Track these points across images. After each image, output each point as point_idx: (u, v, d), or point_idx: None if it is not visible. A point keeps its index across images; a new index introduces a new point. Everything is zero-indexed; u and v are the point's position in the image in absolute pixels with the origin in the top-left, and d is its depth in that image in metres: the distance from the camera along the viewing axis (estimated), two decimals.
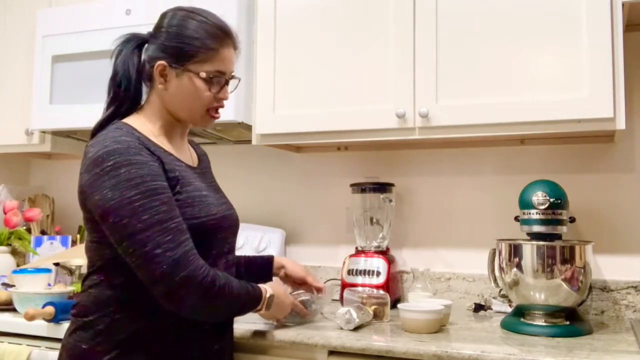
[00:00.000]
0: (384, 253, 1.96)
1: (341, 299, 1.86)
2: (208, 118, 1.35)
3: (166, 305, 1.19)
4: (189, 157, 1.41)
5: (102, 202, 1.17)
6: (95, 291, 1.25)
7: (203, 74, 1.29)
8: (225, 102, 1.37)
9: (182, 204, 1.24)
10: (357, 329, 1.54)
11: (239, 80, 1.40)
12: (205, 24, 1.31)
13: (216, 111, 1.35)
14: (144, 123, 1.32)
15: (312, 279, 1.64)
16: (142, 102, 1.36)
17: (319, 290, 1.64)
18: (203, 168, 1.46)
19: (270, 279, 1.62)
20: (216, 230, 1.31)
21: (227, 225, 1.36)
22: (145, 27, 1.39)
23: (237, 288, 1.27)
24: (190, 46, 1.29)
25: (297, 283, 1.64)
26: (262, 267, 1.62)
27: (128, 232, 1.15)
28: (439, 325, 1.53)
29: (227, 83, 1.34)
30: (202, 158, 1.49)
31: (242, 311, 1.33)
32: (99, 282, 1.25)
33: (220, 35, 1.31)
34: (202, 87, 1.30)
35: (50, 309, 1.59)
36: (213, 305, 1.22)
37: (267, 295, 1.38)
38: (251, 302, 1.33)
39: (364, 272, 1.90)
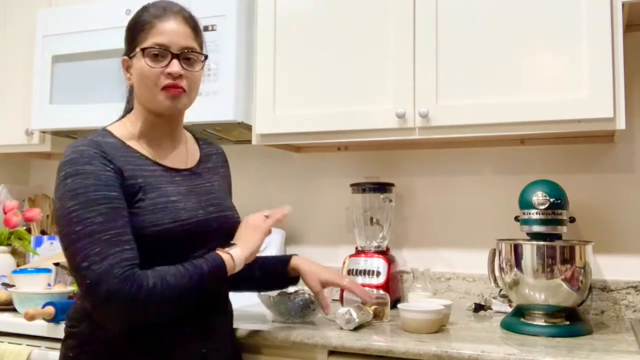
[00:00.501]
0: (384, 253, 1.96)
1: (341, 299, 1.86)
2: (165, 98, 1.28)
3: (98, 320, 1.17)
4: (180, 158, 1.38)
5: (55, 211, 1.21)
6: (80, 300, 1.29)
7: (142, 48, 1.28)
8: (184, 81, 1.29)
9: (144, 211, 1.22)
10: (357, 328, 1.54)
11: (205, 58, 1.35)
12: (146, 8, 1.32)
13: (172, 89, 1.28)
14: (126, 125, 1.34)
15: (342, 283, 1.56)
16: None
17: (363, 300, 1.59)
18: (203, 168, 1.42)
19: (284, 286, 1.60)
20: (190, 235, 1.27)
21: (207, 230, 1.31)
22: None
23: (175, 276, 1.17)
24: (134, 31, 1.31)
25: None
26: (275, 269, 1.56)
27: (65, 243, 1.16)
28: (439, 325, 1.53)
29: (175, 57, 1.28)
30: (208, 158, 1.46)
31: (202, 290, 1.21)
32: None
33: (157, 12, 1.30)
34: (146, 63, 1.27)
35: (50, 309, 1.60)
36: (150, 311, 1.15)
37: (230, 251, 1.27)
38: (206, 275, 1.21)
39: (364, 272, 1.90)
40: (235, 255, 1.28)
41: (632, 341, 1.43)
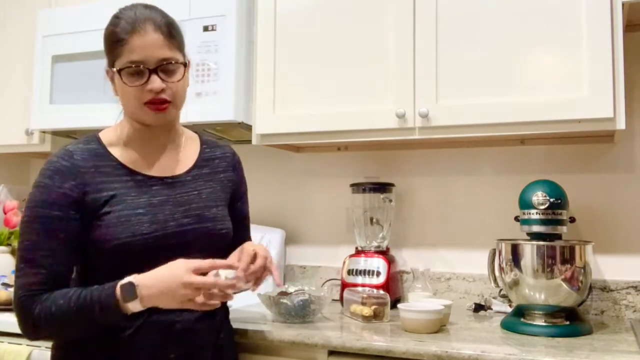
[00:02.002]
0: (384, 253, 1.96)
1: (341, 299, 1.86)
2: (149, 113, 1.26)
3: None
4: (167, 164, 1.35)
5: None
6: None
7: (118, 69, 1.25)
8: (167, 93, 1.25)
9: (107, 224, 1.23)
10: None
11: (185, 65, 1.29)
12: (118, 18, 1.27)
13: (156, 107, 1.25)
14: (116, 130, 1.35)
15: (263, 264, 1.30)
16: None
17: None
18: (194, 175, 1.37)
19: None
20: (152, 248, 1.24)
21: (179, 242, 1.27)
22: None
23: (60, 306, 1.17)
24: (109, 43, 1.28)
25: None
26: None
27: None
28: (439, 325, 1.53)
29: (153, 72, 1.24)
30: (206, 162, 1.41)
31: (90, 320, 1.17)
32: None
33: (128, 25, 1.24)
34: (125, 83, 1.25)
35: None
36: (40, 335, 1.22)
37: (122, 284, 1.16)
38: (93, 308, 1.16)
39: (364, 272, 1.90)
40: (127, 297, 1.16)
41: (632, 341, 1.43)
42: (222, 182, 1.42)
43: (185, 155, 1.39)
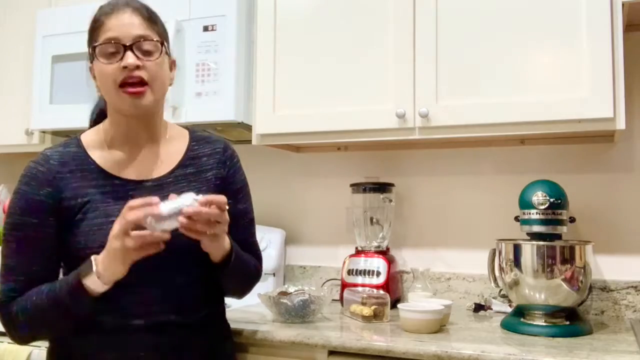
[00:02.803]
0: (384, 253, 1.96)
1: (341, 299, 1.86)
2: (125, 98, 1.22)
3: None
4: (148, 166, 1.30)
5: None
6: None
7: (93, 48, 1.23)
8: (143, 72, 1.22)
9: (80, 232, 1.23)
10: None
11: (162, 44, 1.26)
12: (100, 7, 1.27)
13: (129, 86, 1.21)
14: (99, 131, 1.33)
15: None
16: None
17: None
18: (176, 176, 1.31)
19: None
20: None
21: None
22: None
23: (35, 303, 1.18)
24: (89, 33, 1.27)
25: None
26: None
27: None
28: (439, 325, 1.53)
29: (129, 49, 1.21)
30: (193, 161, 1.35)
31: (57, 312, 1.18)
32: None
33: (107, 9, 1.25)
34: (101, 62, 1.22)
35: None
36: (22, 334, 1.24)
37: (87, 281, 1.15)
38: (62, 294, 1.17)
39: (364, 272, 1.90)
40: (93, 287, 1.15)
41: (632, 341, 1.43)
42: (209, 181, 1.34)
43: (169, 154, 1.34)
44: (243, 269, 1.36)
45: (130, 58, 1.20)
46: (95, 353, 1.23)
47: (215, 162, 1.37)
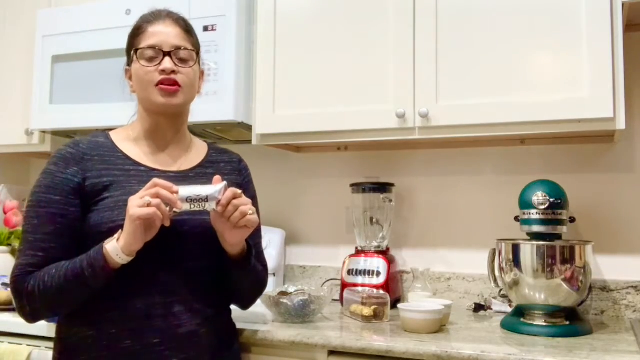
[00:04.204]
0: (384, 253, 1.96)
1: (341, 299, 1.86)
2: (160, 95, 1.33)
3: None
4: (172, 160, 1.39)
5: None
6: None
7: (135, 51, 1.35)
8: (178, 77, 1.33)
9: (105, 208, 1.27)
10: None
11: (197, 54, 1.39)
12: (141, 16, 1.39)
13: (166, 84, 1.32)
14: (127, 129, 1.41)
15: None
16: None
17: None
18: (197, 173, 1.40)
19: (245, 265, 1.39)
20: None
21: (173, 230, 1.25)
22: None
23: (52, 276, 1.20)
24: (130, 39, 1.39)
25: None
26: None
27: None
28: (439, 325, 1.53)
29: (167, 55, 1.33)
30: (211, 164, 1.44)
31: (83, 284, 1.20)
32: None
33: (149, 17, 1.37)
34: (141, 65, 1.33)
35: None
36: (36, 310, 1.24)
37: (108, 245, 1.19)
38: (82, 266, 1.20)
39: (364, 272, 1.90)
40: (115, 257, 1.19)
41: (632, 341, 1.43)
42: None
43: (191, 155, 1.44)
44: (255, 274, 1.42)
45: (168, 63, 1.32)
46: (110, 340, 1.24)
47: (232, 169, 1.49)
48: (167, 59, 1.33)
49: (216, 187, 1.23)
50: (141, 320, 1.25)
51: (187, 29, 1.39)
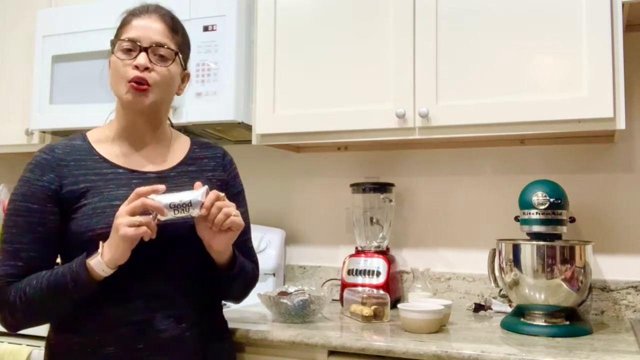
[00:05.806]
0: (384, 253, 1.96)
1: (341, 299, 1.86)
2: (127, 92, 1.28)
3: None
4: (151, 160, 1.34)
5: None
6: None
7: (113, 42, 1.32)
8: (151, 75, 1.28)
9: (83, 215, 1.24)
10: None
11: (177, 54, 1.32)
12: (129, 9, 1.35)
13: (135, 86, 1.27)
14: (104, 128, 1.38)
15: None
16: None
17: None
18: (179, 171, 1.36)
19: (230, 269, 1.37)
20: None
21: (156, 237, 1.20)
22: None
23: (34, 288, 1.19)
24: (116, 30, 1.36)
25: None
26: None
27: None
28: (439, 325, 1.53)
29: (144, 50, 1.28)
30: (194, 161, 1.40)
31: (57, 297, 1.19)
32: None
33: (134, 10, 1.34)
34: (117, 57, 1.30)
35: None
36: (18, 321, 1.22)
37: (92, 262, 1.17)
38: (65, 278, 1.18)
39: (364, 272, 1.90)
40: (98, 269, 1.17)
41: (632, 341, 1.43)
42: (210, 180, 1.37)
43: (172, 152, 1.39)
44: (244, 274, 1.39)
45: (142, 59, 1.28)
46: (95, 346, 1.23)
47: (215, 165, 1.43)
48: (142, 54, 1.28)
49: (199, 191, 1.21)
50: (124, 326, 1.23)
51: (173, 26, 1.34)
